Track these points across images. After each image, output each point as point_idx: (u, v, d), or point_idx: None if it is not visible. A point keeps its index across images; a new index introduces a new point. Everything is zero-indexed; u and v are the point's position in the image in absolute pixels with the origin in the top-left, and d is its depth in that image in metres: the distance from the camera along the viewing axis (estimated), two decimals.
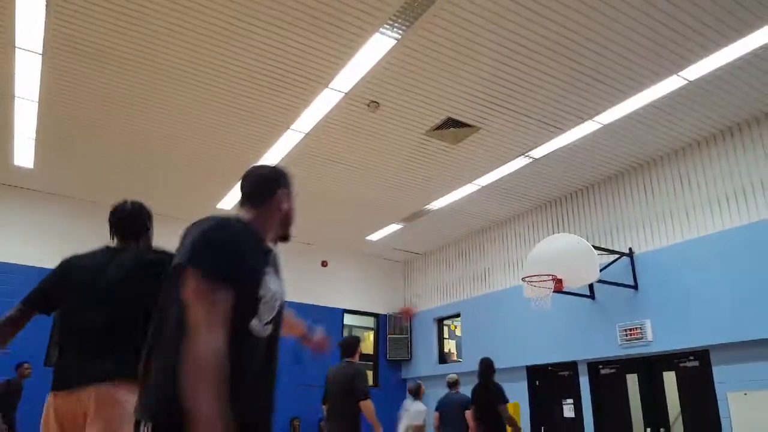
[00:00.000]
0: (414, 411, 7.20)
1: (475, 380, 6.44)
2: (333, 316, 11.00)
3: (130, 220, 2.67)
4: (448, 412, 6.73)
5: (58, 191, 8.94)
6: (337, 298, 11.25)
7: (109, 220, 2.69)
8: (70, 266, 2.55)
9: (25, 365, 7.46)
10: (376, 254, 11.78)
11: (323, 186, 8.37)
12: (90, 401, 2.16)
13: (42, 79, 5.86)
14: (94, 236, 9.98)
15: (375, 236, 10.55)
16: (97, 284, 2.40)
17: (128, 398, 2.07)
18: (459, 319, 10.48)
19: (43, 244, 8.73)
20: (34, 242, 8.66)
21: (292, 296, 9.87)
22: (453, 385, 6.96)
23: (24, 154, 7.55)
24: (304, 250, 10.99)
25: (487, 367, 6.28)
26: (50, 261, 9.30)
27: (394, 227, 10.07)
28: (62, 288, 2.49)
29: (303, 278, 10.83)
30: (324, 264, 11.19)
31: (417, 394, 7.39)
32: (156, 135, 7.04)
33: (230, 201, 8.97)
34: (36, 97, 6.18)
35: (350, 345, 5.10)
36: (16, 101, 6.26)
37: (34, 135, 7.02)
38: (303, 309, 11.01)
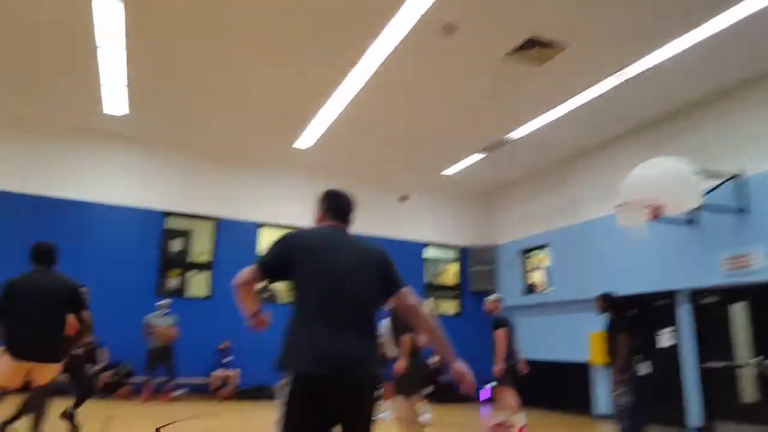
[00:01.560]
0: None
1: (564, 309, 6.35)
2: (413, 250, 11.15)
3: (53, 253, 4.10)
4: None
5: (147, 137, 9.45)
6: (418, 232, 11.34)
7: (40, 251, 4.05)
8: None
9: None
10: (458, 186, 11.63)
11: (399, 119, 8.24)
12: None
13: (127, 27, 6.06)
14: (180, 178, 10.47)
15: (454, 168, 10.38)
16: None
17: None
18: (546, 249, 10.26)
19: (134, 187, 9.40)
20: (126, 185, 9.35)
21: (371, 231, 10.16)
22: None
23: (115, 101, 7.98)
24: (382, 186, 11.07)
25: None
26: (144, 201, 9.90)
27: (475, 158, 9.82)
28: None
29: (382, 213, 10.97)
30: (403, 198, 11.23)
31: None
32: (235, 76, 7.17)
33: (305, 140, 9.09)
34: (123, 45, 6.42)
35: None
36: (103, 50, 6.55)
37: (125, 82, 7.37)
38: (384, 244, 11.28)
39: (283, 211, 10.26)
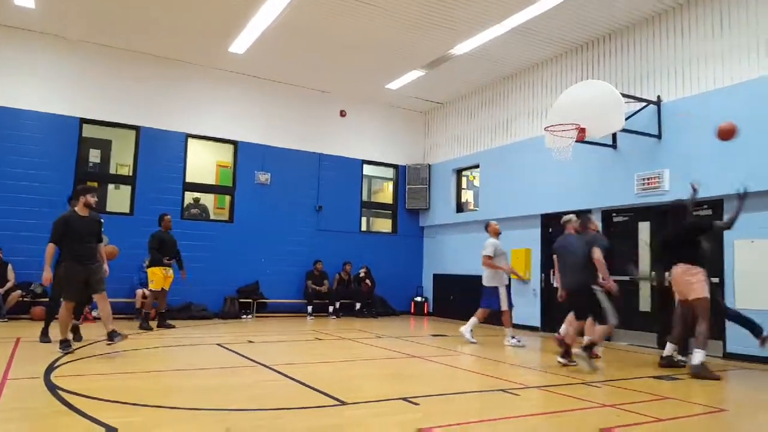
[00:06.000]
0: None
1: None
2: (352, 166, 11.55)
3: None
4: None
5: (60, 33, 9.05)
6: (357, 148, 11.69)
7: None
8: None
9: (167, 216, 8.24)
10: (396, 104, 11.95)
11: (340, 28, 8.35)
12: None
13: None
14: (98, 82, 10.05)
15: (395, 84, 10.65)
16: None
17: None
18: (478, 169, 10.93)
19: (46, 90, 9.08)
20: (37, 87, 9.03)
21: (310, 147, 10.78)
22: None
23: None
24: (321, 99, 11.21)
25: None
26: (57, 107, 9.44)
27: (416, 74, 10.12)
28: None
29: (321, 128, 11.20)
30: (342, 114, 11.44)
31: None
32: None
33: (241, 45, 9.04)
34: None
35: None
36: None
37: None
38: (322, 159, 11.66)
39: (215, 121, 10.27)
